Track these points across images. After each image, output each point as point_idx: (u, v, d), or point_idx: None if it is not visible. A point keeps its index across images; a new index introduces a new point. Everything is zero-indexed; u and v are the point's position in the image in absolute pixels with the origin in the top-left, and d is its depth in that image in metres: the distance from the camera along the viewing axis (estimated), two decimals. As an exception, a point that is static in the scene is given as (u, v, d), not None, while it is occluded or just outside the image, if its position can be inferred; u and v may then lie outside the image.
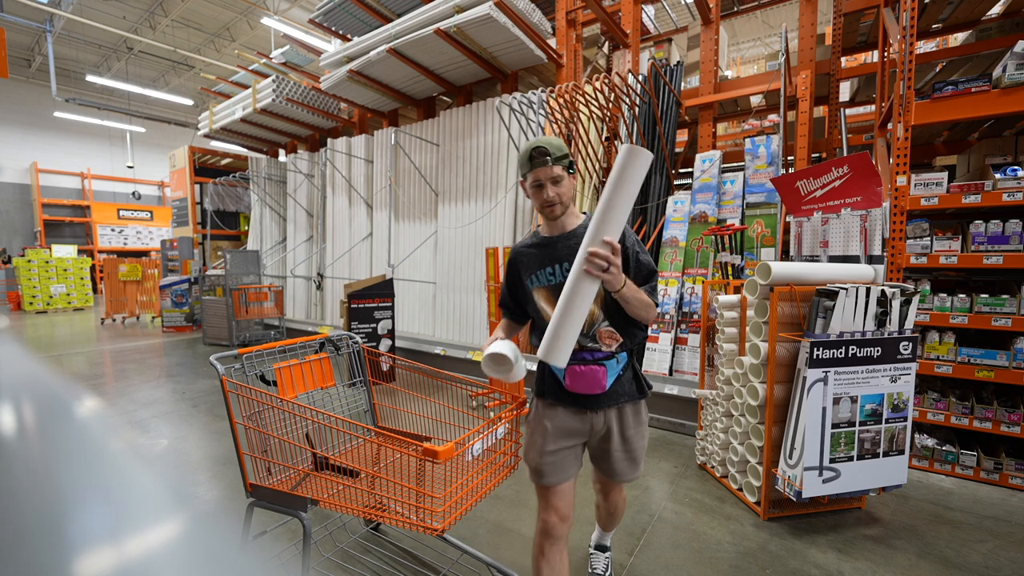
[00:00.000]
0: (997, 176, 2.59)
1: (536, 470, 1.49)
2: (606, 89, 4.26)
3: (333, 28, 5.97)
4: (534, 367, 1.60)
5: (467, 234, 5.40)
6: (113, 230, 16.05)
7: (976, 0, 3.19)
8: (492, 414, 1.79)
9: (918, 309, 2.44)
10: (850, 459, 2.13)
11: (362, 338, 3.29)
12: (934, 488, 2.58)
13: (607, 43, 6.16)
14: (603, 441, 1.52)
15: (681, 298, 4.02)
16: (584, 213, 1.54)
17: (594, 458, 1.61)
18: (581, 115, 4.53)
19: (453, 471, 1.50)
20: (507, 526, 2.28)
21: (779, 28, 8.71)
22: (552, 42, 5.08)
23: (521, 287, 1.57)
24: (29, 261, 10.77)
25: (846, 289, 2.04)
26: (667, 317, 3.98)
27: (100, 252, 15.48)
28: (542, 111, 4.64)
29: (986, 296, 2.56)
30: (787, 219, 3.57)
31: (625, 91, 4.17)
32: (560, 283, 1.41)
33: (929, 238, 2.66)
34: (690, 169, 4.33)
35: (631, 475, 1.56)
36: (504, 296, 1.66)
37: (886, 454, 2.16)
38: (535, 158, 1.39)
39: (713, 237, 3.36)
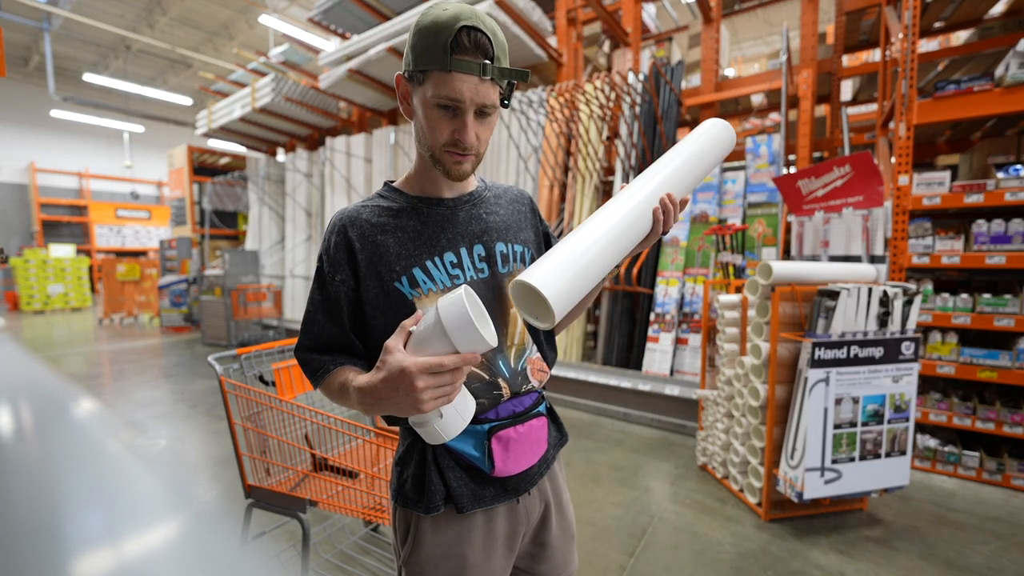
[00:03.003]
0: (1000, 175, 2.58)
1: None
2: (606, 88, 4.26)
3: (332, 27, 5.96)
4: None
5: (467, 233, 5.38)
6: (111, 230, 16.00)
7: (978, -1, 3.18)
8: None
9: (920, 309, 2.43)
10: (852, 460, 2.12)
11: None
12: (936, 489, 2.57)
13: (608, 42, 6.14)
14: (539, 532, 0.93)
15: (682, 298, 4.01)
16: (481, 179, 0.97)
17: (524, 566, 0.94)
18: (581, 114, 4.52)
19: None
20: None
21: (780, 27, 8.72)
22: (552, 41, 5.07)
23: (374, 296, 0.81)
24: (27, 261, 10.74)
25: (848, 289, 2.03)
26: (668, 317, 3.97)
27: (98, 252, 15.44)
28: (542, 110, 4.63)
29: (988, 296, 2.56)
30: (789, 219, 3.56)
31: (626, 90, 4.16)
32: (471, 282, 0.84)
33: (931, 238, 2.66)
34: (691, 168, 4.31)
35: (574, 563, 1.00)
36: (320, 324, 0.83)
37: (888, 455, 2.16)
38: (462, 49, 0.70)
39: (714, 237, 3.35)
